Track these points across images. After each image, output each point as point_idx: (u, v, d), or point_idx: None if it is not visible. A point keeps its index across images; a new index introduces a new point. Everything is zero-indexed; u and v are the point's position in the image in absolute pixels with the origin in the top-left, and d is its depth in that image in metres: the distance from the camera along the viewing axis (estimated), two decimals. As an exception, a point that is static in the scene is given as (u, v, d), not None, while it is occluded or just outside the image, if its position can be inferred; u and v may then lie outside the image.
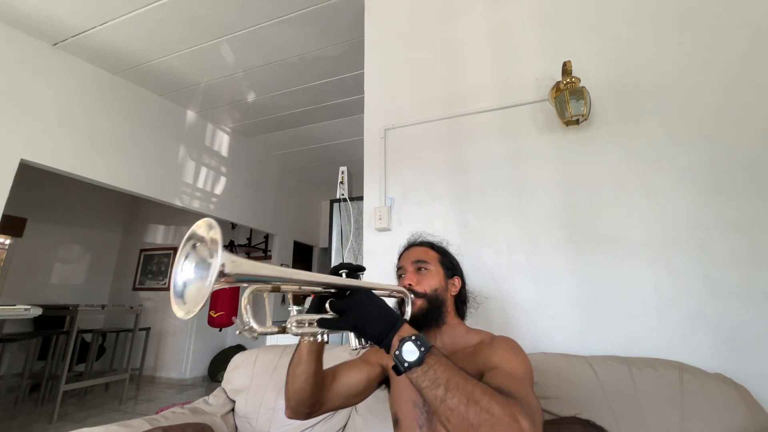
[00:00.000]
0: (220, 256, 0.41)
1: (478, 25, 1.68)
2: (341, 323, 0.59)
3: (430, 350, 0.55)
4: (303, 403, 0.76)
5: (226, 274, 0.42)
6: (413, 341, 0.55)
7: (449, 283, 0.91)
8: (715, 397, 0.91)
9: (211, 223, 0.45)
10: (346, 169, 2.21)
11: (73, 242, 4.68)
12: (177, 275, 0.46)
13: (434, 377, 0.53)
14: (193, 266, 0.46)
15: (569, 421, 0.93)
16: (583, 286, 1.26)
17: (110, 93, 2.97)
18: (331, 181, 4.26)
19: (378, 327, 0.58)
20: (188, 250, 0.47)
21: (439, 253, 0.94)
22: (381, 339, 0.57)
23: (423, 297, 0.85)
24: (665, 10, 1.38)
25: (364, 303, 0.59)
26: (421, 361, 0.54)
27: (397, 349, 0.55)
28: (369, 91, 1.84)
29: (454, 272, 0.94)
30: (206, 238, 0.45)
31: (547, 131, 1.44)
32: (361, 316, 0.58)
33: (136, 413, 3.12)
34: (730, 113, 1.22)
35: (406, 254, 0.94)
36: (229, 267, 0.42)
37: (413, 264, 0.90)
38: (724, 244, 1.13)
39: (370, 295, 0.61)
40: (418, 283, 0.87)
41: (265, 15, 2.41)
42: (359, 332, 0.60)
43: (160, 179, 3.23)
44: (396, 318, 0.60)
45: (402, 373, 0.55)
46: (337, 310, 0.59)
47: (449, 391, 0.51)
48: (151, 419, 1.12)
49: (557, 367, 1.05)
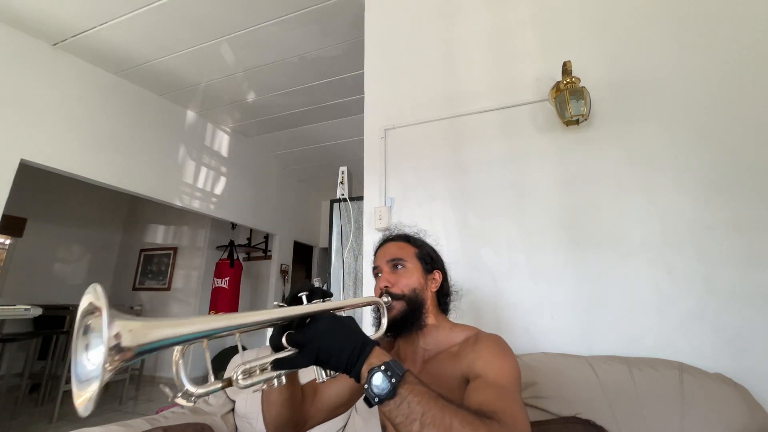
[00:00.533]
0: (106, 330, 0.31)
1: (478, 25, 1.68)
2: (301, 359, 0.51)
3: (403, 379, 0.50)
4: (283, 427, 0.70)
5: (123, 349, 0.33)
6: (383, 372, 0.49)
7: (429, 279, 0.85)
8: (715, 397, 0.91)
9: (95, 287, 0.36)
10: (346, 169, 2.21)
11: (73, 242, 4.68)
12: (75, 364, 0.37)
13: (408, 411, 0.48)
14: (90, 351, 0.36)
15: (569, 421, 0.93)
16: (583, 286, 1.26)
17: (110, 93, 2.96)
18: (331, 181, 4.26)
19: (343, 358, 0.51)
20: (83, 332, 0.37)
21: (416, 247, 0.88)
22: (349, 370, 0.52)
23: (401, 299, 0.79)
24: (665, 10, 1.38)
25: (325, 332, 0.52)
26: (393, 393, 0.49)
27: (366, 381, 0.50)
28: (369, 91, 1.84)
29: (433, 266, 0.87)
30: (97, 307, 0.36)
31: (547, 131, 1.44)
32: (324, 347, 0.51)
33: (136, 413, 3.12)
34: (731, 113, 1.22)
35: (381, 251, 0.88)
36: (127, 339, 0.33)
37: (389, 263, 0.84)
38: (725, 244, 1.13)
39: (332, 320, 0.54)
40: (395, 283, 0.81)
41: (265, 15, 2.41)
42: (323, 366, 0.54)
43: (160, 179, 3.23)
44: (364, 343, 0.53)
45: (373, 406, 0.50)
46: (296, 344, 0.52)
47: (425, 427, 0.47)
48: (151, 419, 1.12)
49: (557, 367, 1.05)
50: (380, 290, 0.81)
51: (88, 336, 0.37)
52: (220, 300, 4.21)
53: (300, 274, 5.75)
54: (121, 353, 0.33)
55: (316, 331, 0.52)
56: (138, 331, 0.35)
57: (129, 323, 0.34)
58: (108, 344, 0.32)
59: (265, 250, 5.14)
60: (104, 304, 0.33)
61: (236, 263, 4.44)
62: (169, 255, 4.85)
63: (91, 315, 0.37)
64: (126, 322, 0.34)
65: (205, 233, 4.80)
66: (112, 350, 0.32)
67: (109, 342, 0.32)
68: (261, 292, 5.10)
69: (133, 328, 0.35)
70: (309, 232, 5.60)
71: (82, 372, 0.36)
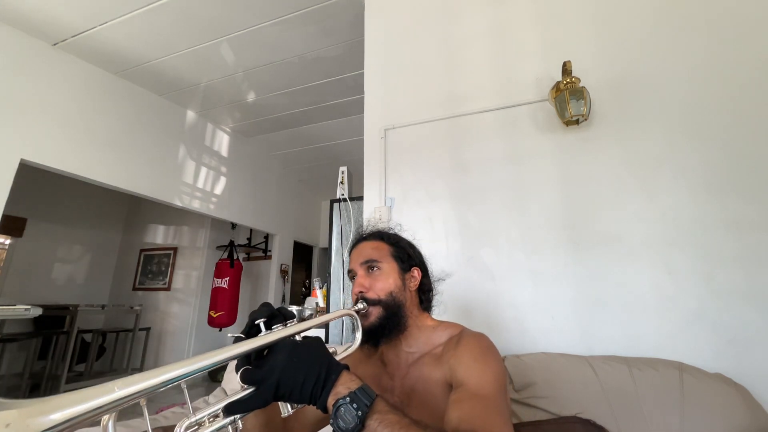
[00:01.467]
0: None
1: (478, 25, 1.68)
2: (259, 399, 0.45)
3: (372, 408, 0.47)
4: None
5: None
6: (349, 403, 0.46)
7: (407, 278, 0.81)
8: (715, 397, 0.91)
9: None
10: (346, 169, 2.21)
11: (73, 242, 4.68)
12: None
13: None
14: None
15: (569, 420, 0.93)
16: (583, 286, 1.26)
17: (110, 93, 2.96)
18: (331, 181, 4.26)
19: (306, 389, 0.47)
20: None
21: (391, 245, 0.83)
22: (314, 401, 0.48)
23: (378, 304, 0.75)
24: (665, 10, 1.38)
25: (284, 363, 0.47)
26: (360, 427, 0.45)
27: (332, 416, 0.46)
28: (369, 91, 1.84)
29: (410, 263, 0.83)
30: None
31: (547, 131, 1.43)
32: (283, 380, 0.46)
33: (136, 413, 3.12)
34: (731, 113, 1.22)
35: (356, 253, 0.83)
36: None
37: (363, 265, 0.79)
38: (725, 244, 1.13)
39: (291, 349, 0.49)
40: (370, 287, 0.77)
41: (265, 15, 2.41)
42: (285, 400, 0.48)
43: (160, 179, 3.23)
44: (328, 370, 0.49)
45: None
46: (251, 382, 0.47)
47: None
48: (151, 419, 1.12)
49: (557, 367, 1.05)
50: (355, 295, 0.77)
51: None
52: (220, 300, 4.21)
53: (300, 274, 5.75)
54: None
55: (274, 364, 0.47)
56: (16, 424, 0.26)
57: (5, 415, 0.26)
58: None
59: (265, 250, 5.14)
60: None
61: (236, 263, 4.44)
62: (169, 255, 4.85)
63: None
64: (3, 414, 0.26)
65: (205, 233, 4.80)
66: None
67: None
68: (261, 292, 5.10)
69: (10, 422, 0.26)
70: (309, 232, 5.60)
71: None
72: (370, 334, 0.74)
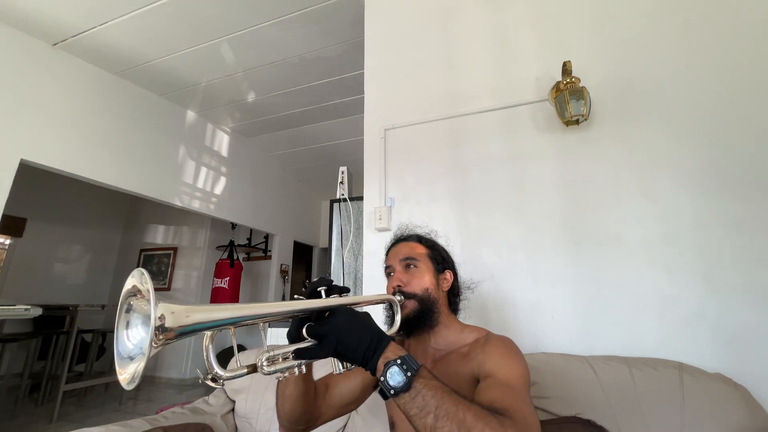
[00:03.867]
0: (153, 310, 0.35)
1: (478, 25, 1.68)
2: (320, 351, 0.54)
3: (418, 373, 0.52)
4: (296, 421, 0.73)
5: (167, 329, 0.37)
6: (399, 365, 0.51)
7: (441, 279, 0.87)
8: (715, 397, 0.91)
9: (142, 271, 0.40)
10: (346, 169, 2.21)
11: (73, 242, 4.68)
12: (117, 340, 0.41)
13: (423, 404, 0.50)
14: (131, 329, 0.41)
15: (569, 421, 0.93)
16: (583, 286, 1.26)
17: (110, 93, 2.96)
18: (331, 181, 4.26)
19: (360, 351, 0.54)
20: (125, 310, 0.41)
21: (428, 247, 0.90)
22: (365, 363, 0.54)
23: (413, 298, 0.81)
24: (665, 10, 1.38)
25: (343, 325, 0.54)
26: (408, 387, 0.50)
27: (383, 374, 0.52)
28: (369, 91, 1.84)
29: (444, 266, 0.89)
30: (140, 290, 0.39)
31: (547, 131, 1.44)
32: (342, 340, 0.53)
33: (136, 413, 3.12)
34: (731, 113, 1.22)
35: (394, 251, 0.90)
36: (170, 321, 0.37)
37: (401, 262, 0.86)
38: (725, 244, 1.13)
39: (350, 314, 0.56)
40: (407, 282, 0.83)
41: (265, 15, 2.41)
42: (341, 358, 0.56)
43: (160, 179, 3.23)
44: (380, 337, 0.56)
45: (388, 398, 0.52)
46: (315, 336, 0.54)
47: (439, 419, 0.48)
48: (151, 419, 1.12)
49: (557, 367, 1.05)
50: (393, 289, 0.83)
51: (130, 315, 0.41)
52: (219, 300, 4.21)
53: (300, 274, 5.75)
54: (165, 333, 0.37)
55: (336, 324, 0.54)
56: (179, 314, 0.39)
57: (171, 306, 0.38)
58: (154, 324, 0.35)
59: (265, 250, 5.14)
60: (151, 288, 0.37)
61: (236, 263, 4.44)
62: (169, 255, 4.85)
63: (133, 297, 0.41)
64: (169, 305, 0.38)
65: (205, 233, 4.80)
66: (158, 330, 0.36)
67: (155, 322, 0.36)
68: (261, 292, 5.10)
69: (174, 311, 0.38)
70: (309, 232, 5.60)
71: (124, 349, 0.40)
72: (403, 325, 0.79)
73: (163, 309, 0.37)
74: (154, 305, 0.36)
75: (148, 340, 0.36)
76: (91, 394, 3.73)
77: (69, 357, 3.07)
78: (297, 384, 0.69)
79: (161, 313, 0.37)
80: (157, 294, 0.37)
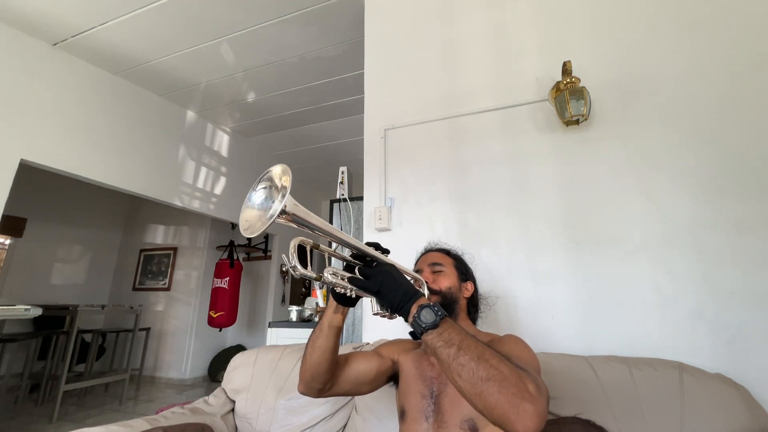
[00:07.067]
0: (286, 198, 0.50)
1: (478, 25, 1.68)
2: (368, 285, 0.65)
3: (446, 317, 0.60)
4: (317, 377, 0.80)
5: (286, 212, 0.51)
6: (431, 308, 0.61)
7: (463, 287, 0.97)
8: (715, 397, 0.91)
9: (285, 169, 0.54)
10: (346, 169, 2.21)
11: (73, 242, 4.67)
12: (252, 193, 0.56)
13: (448, 338, 0.58)
14: (262, 197, 0.56)
15: (569, 421, 0.93)
16: (583, 286, 1.26)
17: (110, 93, 2.96)
18: (331, 181, 4.26)
19: (399, 295, 0.63)
20: (264, 184, 0.56)
21: (454, 259, 1.01)
22: (401, 306, 0.63)
23: (438, 293, 0.91)
24: (666, 10, 1.38)
25: (388, 273, 0.65)
26: (436, 324, 0.59)
27: (416, 314, 0.60)
28: (369, 91, 1.84)
29: (467, 277, 0.99)
30: (279, 181, 0.54)
31: (547, 131, 1.44)
32: (385, 283, 0.64)
33: (136, 413, 3.12)
34: (731, 113, 1.22)
35: (424, 257, 1.01)
36: (290, 207, 0.52)
37: (430, 266, 0.97)
38: (725, 244, 1.13)
39: (394, 268, 0.68)
40: (434, 281, 0.93)
41: (265, 15, 2.41)
42: (381, 297, 0.65)
43: (160, 179, 3.23)
44: (415, 291, 0.65)
45: (419, 336, 0.60)
46: (365, 275, 0.66)
47: (461, 350, 0.56)
48: (151, 419, 1.12)
49: (557, 367, 1.05)
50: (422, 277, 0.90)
51: (265, 188, 0.56)
52: (220, 300, 4.21)
53: (300, 274, 5.74)
54: (284, 214, 0.51)
55: (383, 269, 0.66)
56: (295, 207, 0.54)
57: (294, 200, 0.53)
58: (281, 206, 0.50)
59: (265, 250, 5.13)
60: (289, 184, 0.52)
61: (236, 263, 4.44)
62: (169, 255, 4.85)
63: (270, 180, 0.56)
64: (293, 199, 0.52)
65: (205, 233, 4.80)
66: (283, 212, 0.51)
67: (282, 205, 0.50)
68: (261, 292, 5.10)
69: (295, 203, 0.53)
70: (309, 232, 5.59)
71: (256, 201, 0.56)
72: None
73: (290, 200, 0.51)
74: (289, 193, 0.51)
75: (275, 211, 0.50)
76: (91, 394, 3.73)
77: (69, 357, 3.07)
78: (328, 337, 0.78)
79: (289, 202, 0.51)
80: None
